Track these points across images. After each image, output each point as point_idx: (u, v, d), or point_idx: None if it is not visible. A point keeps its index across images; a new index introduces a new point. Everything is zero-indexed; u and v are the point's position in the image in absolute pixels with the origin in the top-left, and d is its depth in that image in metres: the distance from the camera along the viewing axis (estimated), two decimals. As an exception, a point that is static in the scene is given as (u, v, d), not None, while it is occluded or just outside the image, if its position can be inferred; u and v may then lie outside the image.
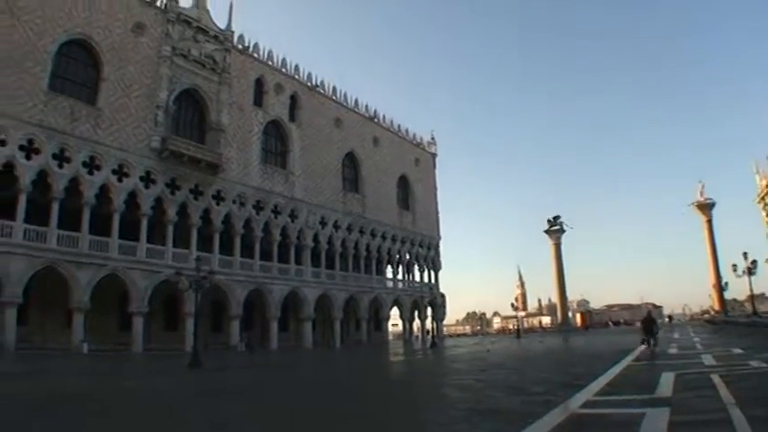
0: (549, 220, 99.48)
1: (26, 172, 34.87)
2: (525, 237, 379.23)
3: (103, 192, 38.91)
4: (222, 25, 49.09)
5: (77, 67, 39.66)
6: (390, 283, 67.00)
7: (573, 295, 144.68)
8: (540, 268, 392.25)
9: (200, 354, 26.69)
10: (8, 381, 19.19)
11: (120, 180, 39.74)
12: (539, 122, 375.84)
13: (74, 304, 36.04)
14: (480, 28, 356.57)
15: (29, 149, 35.34)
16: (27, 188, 34.82)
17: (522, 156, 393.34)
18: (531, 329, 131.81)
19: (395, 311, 67.51)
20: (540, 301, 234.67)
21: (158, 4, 44.52)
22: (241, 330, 45.23)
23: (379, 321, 66.00)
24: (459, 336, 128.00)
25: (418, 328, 73.86)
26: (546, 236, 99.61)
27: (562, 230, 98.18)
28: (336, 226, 57.42)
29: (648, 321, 25.58)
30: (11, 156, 34.34)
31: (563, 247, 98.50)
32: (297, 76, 56.58)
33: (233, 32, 49.84)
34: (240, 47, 50.72)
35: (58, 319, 38.01)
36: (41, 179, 35.90)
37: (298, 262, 52.55)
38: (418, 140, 75.49)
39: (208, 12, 48.31)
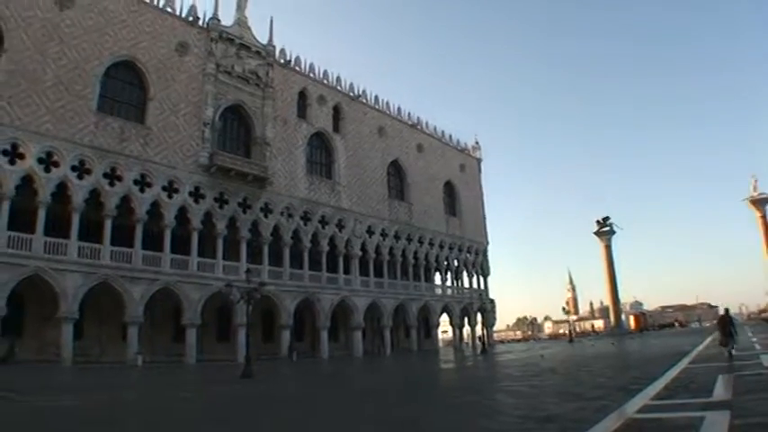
0: (598, 222, 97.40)
1: (78, 191, 35.58)
2: (575, 239, 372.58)
3: (154, 208, 39.39)
4: (264, 41, 49.42)
5: (125, 88, 40.38)
6: (439, 290, 66.23)
7: (625, 297, 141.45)
8: (590, 271, 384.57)
9: (252, 364, 26.73)
10: (71, 394, 19.13)
11: (170, 196, 40.28)
12: (585, 123, 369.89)
13: (128, 318, 36.53)
14: (520, 31, 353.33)
15: (81, 170, 36.06)
16: (79, 207, 35.50)
17: (568, 157, 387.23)
18: (584, 333, 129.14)
19: (444, 318, 66.59)
20: (591, 304, 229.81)
21: (201, 23, 45.10)
22: (292, 340, 45.27)
23: (429, 329, 65.44)
24: (509, 342, 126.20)
25: (468, 335, 73.08)
26: (596, 237, 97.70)
27: (612, 231, 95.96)
28: (384, 234, 57.11)
29: (725, 321, 22.75)
30: (63, 176, 35.11)
31: (614, 248, 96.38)
32: (339, 87, 56.60)
33: (274, 47, 50.09)
34: (282, 61, 50.92)
35: (113, 332, 38.51)
36: (93, 198, 36.57)
37: (346, 271, 52.37)
38: (462, 146, 74.72)
39: (249, 28, 48.62)
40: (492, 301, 72.05)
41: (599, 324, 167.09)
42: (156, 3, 42.60)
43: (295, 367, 37.48)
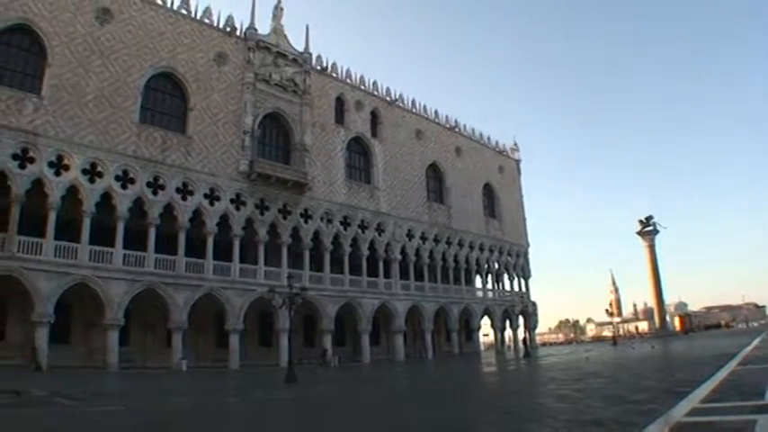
0: (641, 221, 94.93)
1: (122, 201, 35.89)
2: (617, 239, 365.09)
3: (197, 216, 39.56)
4: (300, 49, 49.36)
5: (166, 99, 40.84)
6: (480, 293, 65.04)
7: (669, 298, 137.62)
8: (634, 271, 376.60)
9: (294, 368, 26.53)
10: (119, 399, 19.26)
11: (211, 204, 40.39)
12: (627, 124, 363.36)
13: (173, 324, 36.74)
14: (561, 31, 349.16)
15: (124, 180, 36.41)
16: (124, 216, 35.79)
17: (609, 157, 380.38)
18: (628, 335, 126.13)
19: (486, 321, 65.50)
20: (635, 305, 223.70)
21: (238, 33, 45.27)
22: (327, 346, 44.92)
23: (470, 332, 64.40)
24: (552, 344, 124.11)
25: (510, 338, 71.81)
26: (639, 237, 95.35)
27: (656, 231, 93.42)
28: (423, 237, 56.33)
29: None
30: (107, 186, 35.49)
31: (657, 247, 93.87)
32: (375, 92, 56.16)
33: (311, 54, 49.93)
34: (319, 68, 50.77)
35: (158, 338, 38.89)
36: (137, 207, 36.84)
37: (387, 275, 51.77)
38: (501, 147, 73.44)
39: (285, 37, 48.60)
40: (534, 304, 70.62)
41: (643, 326, 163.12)
42: (193, 15, 42.88)
43: (337, 372, 37.26)
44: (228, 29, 44.78)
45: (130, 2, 39.34)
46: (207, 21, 43.63)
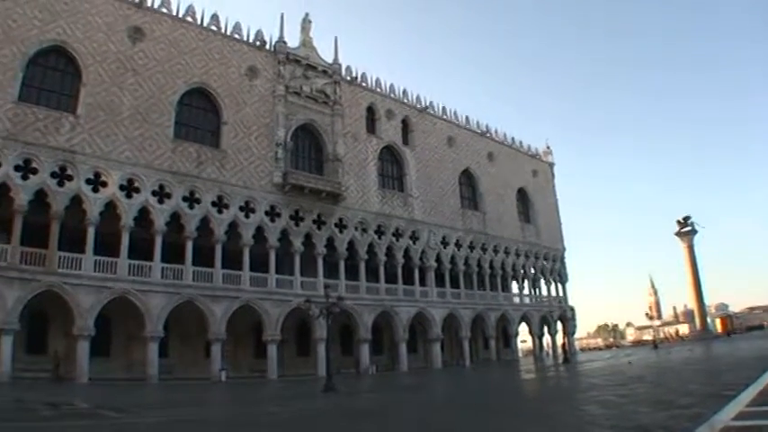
0: (678, 222, 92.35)
1: (160, 215, 36.07)
2: (654, 241, 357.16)
3: (232, 228, 39.52)
4: (329, 60, 49.37)
5: (199, 114, 41.11)
6: (517, 299, 63.78)
7: (710, 299, 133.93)
8: (672, 273, 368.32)
9: (333, 378, 26.35)
10: (163, 410, 19.35)
11: (247, 216, 40.36)
12: (662, 123, 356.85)
13: (211, 335, 36.74)
14: (594, 28, 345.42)
15: (161, 194, 36.62)
16: (161, 230, 35.96)
17: (644, 157, 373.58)
18: (668, 339, 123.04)
19: (523, 328, 64.09)
20: (674, 308, 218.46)
21: (268, 47, 45.46)
22: (370, 354, 44.56)
23: (508, 338, 63.16)
24: (591, 350, 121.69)
25: (548, 344, 70.43)
26: (677, 238, 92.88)
27: (694, 231, 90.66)
28: (458, 244, 55.52)
29: None
30: (145, 201, 35.72)
31: (696, 248, 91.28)
32: (406, 101, 55.74)
33: (340, 65, 49.87)
34: (349, 78, 50.67)
35: (197, 349, 38.85)
36: (174, 220, 37.01)
37: (422, 283, 51.09)
38: (534, 151, 72.22)
39: (315, 49, 48.65)
40: (572, 309, 69.13)
41: (683, 329, 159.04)
42: (224, 30, 43.21)
43: (375, 380, 36.98)
44: (258, 43, 44.97)
45: (161, 20, 39.82)
46: (237, 36, 43.87)
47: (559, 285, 69.13)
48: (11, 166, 31.20)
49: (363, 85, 52.24)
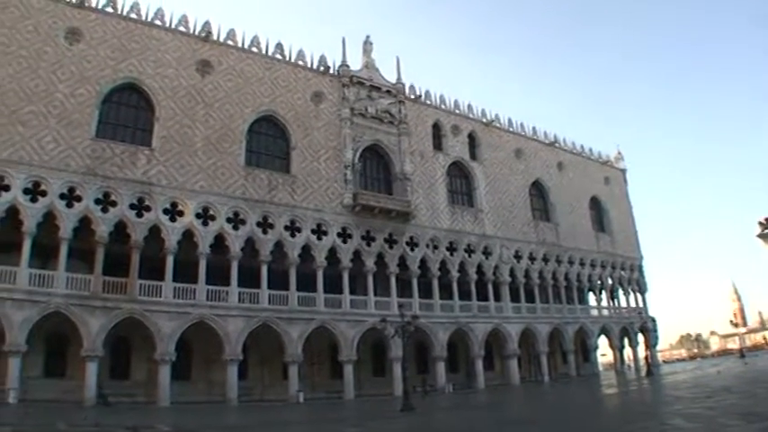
0: (760, 223, 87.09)
1: (235, 241, 36.35)
2: (735, 244, 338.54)
3: (305, 251, 39.36)
4: (392, 80, 48.96)
5: (268, 141, 41.47)
6: (595, 312, 60.71)
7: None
8: (757, 276, 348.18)
9: (410, 397, 25.84)
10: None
11: (319, 238, 40.16)
12: (739, 122, 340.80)
13: (288, 357, 36.56)
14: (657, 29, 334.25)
15: (235, 221, 36.93)
16: (237, 255, 36.19)
17: (723, 158, 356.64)
18: (756, 347, 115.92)
19: (603, 341, 60.92)
20: (760, 314, 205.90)
21: (332, 71, 45.57)
22: (446, 372, 43.43)
23: (587, 352, 59.93)
24: (674, 361, 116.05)
25: (629, 357, 66.93)
26: (759, 240, 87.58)
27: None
28: (532, 257, 53.41)
29: None
30: (220, 228, 36.11)
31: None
32: (471, 115, 54.49)
33: (404, 84, 49.34)
34: (413, 96, 50.05)
35: (274, 371, 38.80)
36: (249, 246, 37.17)
37: (497, 298, 49.29)
38: (605, 158, 69.05)
39: (377, 70, 48.46)
40: (653, 320, 65.51)
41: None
42: (288, 58, 43.65)
43: (452, 399, 36.15)
44: (322, 68, 45.13)
45: (228, 52, 40.66)
46: (301, 63, 44.23)
47: (638, 295, 65.47)
48: (91, 200, 32.19)
49: (428, 102, 51.47)
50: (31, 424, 20.59)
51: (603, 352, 65.60)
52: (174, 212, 34.80)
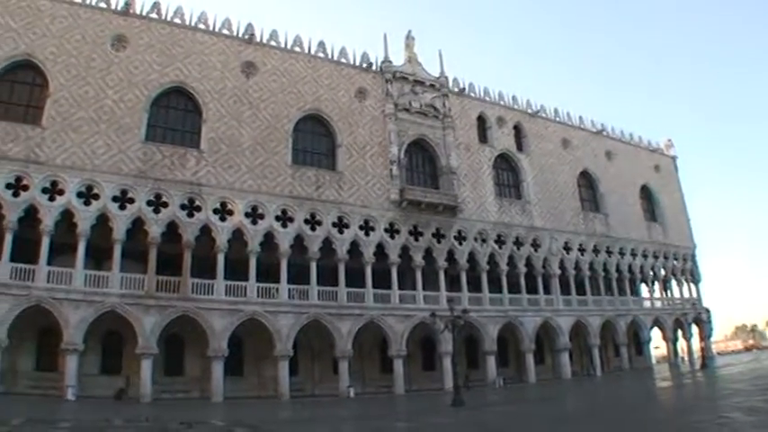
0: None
1: (284, 239, 36.37)
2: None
3: (353, 247, 39.08)
4: (435, 74, 48.10)
5: (314, 139, 41.42)
6: (647, 303, 58.54)
7: None
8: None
9: (461, 392, 25.60)
10: (296, 427, 19.96)
11: (367, 234, 39.79)
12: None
13: (338, 353, 36.43)
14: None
15: (284, 219, 36.88)
16: (287, 252, 36.16)
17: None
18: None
19: (656, 333, 58.59)
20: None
21: (374, 67, 45.16)
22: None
23: (640, 345, 57.65)
24: (730, 353, 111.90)
25: (683, 350, 64.42)
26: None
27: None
28: (582, 249, 51.62)
29: None
30: (269, 227, 36.15)
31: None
32: (516, 106, 53.04)
33: (447, 78, 48.36)
34: (456, 89, 49.07)
35: (324, 367, 38.95)
36: (298, 243, 37.09)
37: (547, 291, 47.86)
38: (655, 146, 66.22)
39: (420, 64, 47.64)
40: (707, 311, 62.73)
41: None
42: (331, 56, 43.42)
43: (503, 393, 35.61)
44: (365, 65, 44.83)
45: (271, 53, 40.78)
46: (344, 60, 43.96)
47: (692, 286, 62.92)
48: (143, 202, 32.72)
49: (472, 95, 50.32)
50: (88, 420, 20.80)
51: (656, 344, 63.39)
52: (223, 212, 35.02)
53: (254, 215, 35.90)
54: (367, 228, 40.12)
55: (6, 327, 27.76)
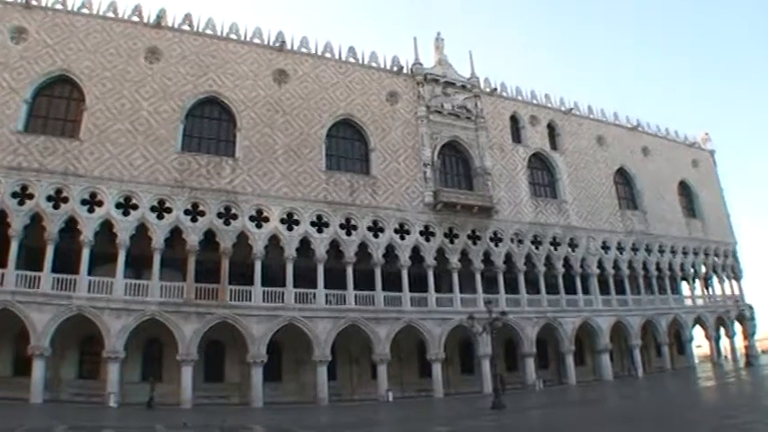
0: None
1: (320, 244, 36.16)
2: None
3: (389, 251, 38.69)
4: (466, 75, 47.42)
5: (347, 144, 41.23)
6: (689, 301, 56.40)
7: None
8: None
9: (501, 395, 25.30)
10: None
11: (402, 238, 39.32)
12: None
13: (377, 357, 36.12)
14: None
15: (319, 224, 36.69)
16: (323, 258, 35.94)
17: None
18: None
19: (698, 332, 56.73)
20: None
21: (405, 71, 44.68)
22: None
23: (682, 344, 55.76)
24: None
25: (726, 348, 62.41)
26: None
27: None
28: (620, 248, 50.13)
29: None
30: (305, 233, 36.00)
31: None
32: (549, 105, 51.85)
33: (478, 78, 47.54)
34: (488, 90, 48.21)
35: (363, 371, 38.82)
36: (333, 248, 36.86)
37: (585, 291, 46.57)
38: (692, 140, 64.19)
39: (451, 66, 46.99)
40: (750, 307, 60.60)
41: None
42: (361, 61, 43.18)
43: (543, 396, 34.92)
44: (396, 68, 44.37)
45: (302, 60, 40.79)
46: (374, 64, 43.70)
47: (734, 282, 60.72)
48: (181, 211, 32.94)
49: (504, 94, 49.40)
50: (132, 427, 20.82)
51: (699, 343, 61.50)
52: (259, 219, 35.03)
53: (289, 221, 35.83)
54: (402, 231, 39.69)
55: (49, 336, 28.15)
